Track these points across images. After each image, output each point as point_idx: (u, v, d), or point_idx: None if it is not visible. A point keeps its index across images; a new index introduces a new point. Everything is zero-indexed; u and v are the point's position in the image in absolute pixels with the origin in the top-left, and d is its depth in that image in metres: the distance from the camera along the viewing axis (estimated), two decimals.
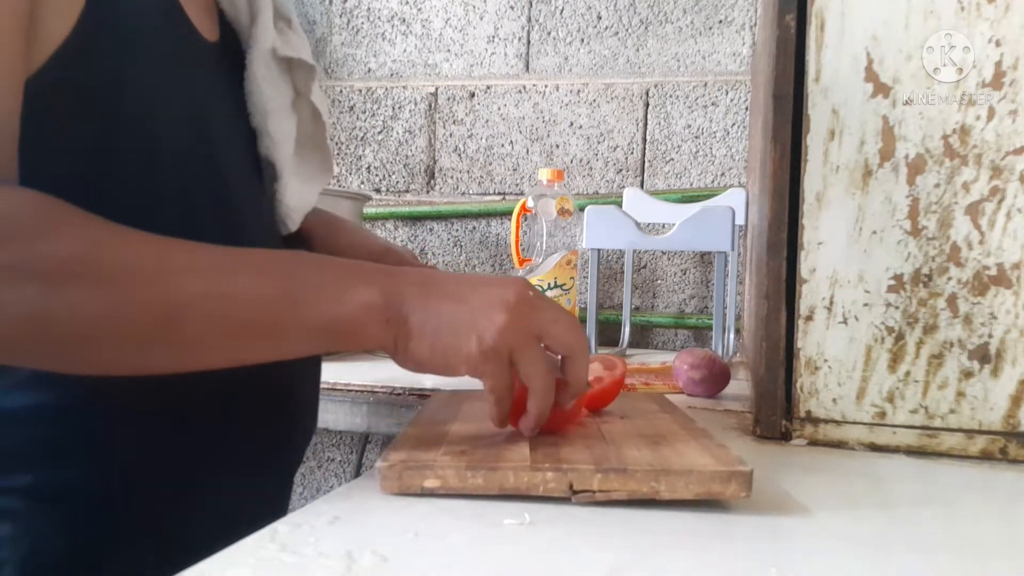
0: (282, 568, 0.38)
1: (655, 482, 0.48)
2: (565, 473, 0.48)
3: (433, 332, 0.50)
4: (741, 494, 0.48)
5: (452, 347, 0.50)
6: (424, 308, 0.50)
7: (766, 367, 0.69)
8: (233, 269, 0.48)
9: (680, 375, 0.91)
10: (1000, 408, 0.64)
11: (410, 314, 0.50)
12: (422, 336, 0.50)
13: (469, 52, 1.59)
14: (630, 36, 1.51)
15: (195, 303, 0.46)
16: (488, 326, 0.49)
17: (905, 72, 0.65)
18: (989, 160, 0.64)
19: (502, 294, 0.50)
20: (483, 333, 0.49)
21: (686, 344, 1.50)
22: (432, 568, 0.39)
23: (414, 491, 0.49)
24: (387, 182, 1.64)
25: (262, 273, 0.49)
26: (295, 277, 0.49)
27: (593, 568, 0.39)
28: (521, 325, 0.50)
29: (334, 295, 0.49)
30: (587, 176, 1.54)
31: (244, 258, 0.50)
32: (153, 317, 0.46)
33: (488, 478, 0.48)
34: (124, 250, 0.46)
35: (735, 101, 1.47)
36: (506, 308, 0.50)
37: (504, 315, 0.49)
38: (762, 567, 0.40)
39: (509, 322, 0.49)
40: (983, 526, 0.51)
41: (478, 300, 0.50)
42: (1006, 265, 0.64)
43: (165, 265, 0.47)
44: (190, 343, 0.48)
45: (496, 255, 1.58)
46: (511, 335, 0.49)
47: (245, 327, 0.48)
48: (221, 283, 0.47)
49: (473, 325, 0.49)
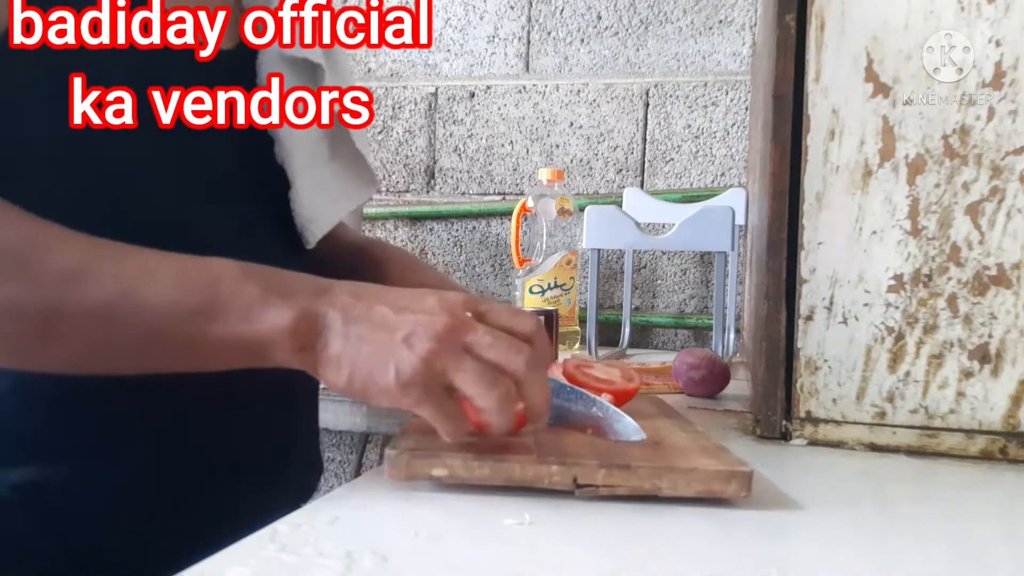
0: (282, 568, 0.38)
1: (658, 479, 0.48)
2: (570, 467, 0.48)
3: (351, 363, 0.47)
4: (741, 494, 0.48)
5: (369, 380, 0.47)
6: (343, 337, 0.47)
7: (766, 367, 0.69)
8: (153, 278, 0.47)
9: (680, 375, 0.91)
10: (1000, 408, 0.64)
11: (328, 343, 0.47)
12: (339, 367, 0.47)
13: (469, 52, 1.59)
14: (630, 36, 1.51)
15: (107, 310, 0.46)
16: (407, 357, 0.46)
17: (905, 72, 0.65)
18: (989, 160, 0.64)
19: (430, 321, 0.47)
20: (401, 364, 0.46)
21: (686, 344, 1.50)
22: (432, 568, 0.39)
23: (421, 479, 0.49)
24: (387, 182, 1.64)
25: (181, 283, 0.48)
26: (215, 290, 0.48)
27: (593, 568, 0.39)
28: (449, 350, 0.46)
29: (246, 314, 0.47)
30: (587, 176, 1.54)
31: (170, 267, 0.48)
32: (52, 316, 0.46)
33: (495, 469, 0.49)
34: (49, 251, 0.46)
35: (735, 101, 1.47)
36: (430, 336, 0.46)
37: (428, 343, 0.46)
38: (762, 567, 0.40)
39: (432, 350, 0.46)
40: (983, 526, 0.51)
41: (403, 327, 0.47)
42: (1006, 265, 0.64)
43: (82, 269, 0.46)
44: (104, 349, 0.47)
45: (496, 255, 1.58)
46: (436, 362, 0.46)
47: (152, 338, 0.47)
48: (136, 290, 0.47)
49: (391, 355, 0.46)
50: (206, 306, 0.47)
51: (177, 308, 0.47)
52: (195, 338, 0.47)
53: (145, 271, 0.48)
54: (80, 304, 0.46)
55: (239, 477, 0.62)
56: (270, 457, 0.66)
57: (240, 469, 0.62)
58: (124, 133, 0.53)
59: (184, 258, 0.49)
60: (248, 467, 0.63)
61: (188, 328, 0.47)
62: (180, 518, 0.57)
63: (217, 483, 0.60)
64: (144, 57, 0.55)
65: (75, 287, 0.46)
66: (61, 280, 0.46)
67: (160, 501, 0.57)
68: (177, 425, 0.58)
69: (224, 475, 0.61)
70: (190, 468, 0.59)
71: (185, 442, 0.58)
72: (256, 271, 0.50)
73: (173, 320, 0.47)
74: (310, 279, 0.50)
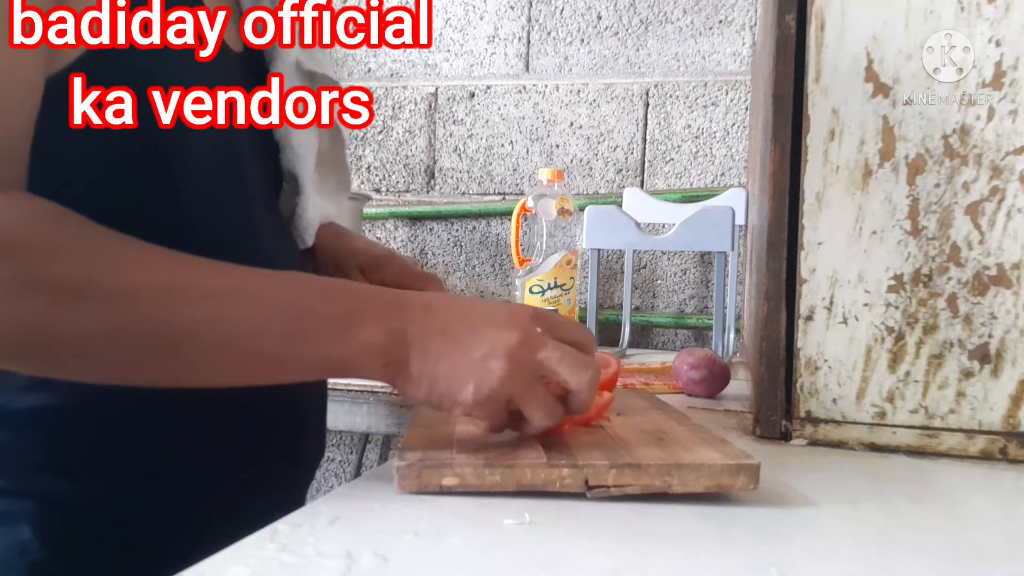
0: (282, 568, 0.38)
1: (668, 476, 0.49)
2: (581, 469, 0.49)
3: (431, 379, 0.49)
4: (750, 486, 0.49)
5: (448, 395, 0.50)
6: (424, 355, 0.49)
7: (766, 367, 0.69)
8: (239, 296, 0.48)
9: (680, 375, 0.91)
10: (1000, 408, 0.64)
11: (410, 359, 0.49)
12: (419, 383, 0.50)
13: (469, 52, 1.59)
14: (630, 36, 1.51)
15: (196, 329, 0.46)
16: (486, 377, 0.49)
17: (905, 72, 0.65)
18: (989, 160, 0.64)
19: (505, 339, 0.49)
20: (480, 384, 0.49)
21: (686, 344, 1.50)
22: (432, 568, 0.39)
23: (432, 489, 0.49)
24: (387, 182, 1.64)
25: (267, 302, 0.49)
26: (299, 309, 0.49)
27: (593, 568, 0.39)
28: (521, 372, 0.49)
29: (337, 334, 0.49)
30: (587, 176, 1.54)
31: (252, 285, 0.49)
32: (152, 340, 0.46)
33: (506, 475, 0.49)
34: (129, 271, 0.46)
35: (735, 101, 1.47)
36: (506, 355, 0.49)
37: (503, 363, 0.49)
38: (762, 567, 0.40)
39: (508, 371, 0.49)
40: (983, 526, 0.51)
41: (480, 347, 0.49)
42: (1006, 265, 0.64)
43: (170, 289, 0.47)
44: (188, 366, 0.48)
45: (496, 255, 1.58)
46: (510, 384, 0.49)
47: (245, 355, 0.48)
48: (225, 311, 0.47)
49: (471, 374, 0.49)
50: (295, 325, 0.48)
51: (265, 328, 0.48)
52: (286, 356, 0.49)
53: (233, 291, 0.48)
54: (170, 325, 0.46)
55: (247, 490, 0.61)
56: (279, 471, 0.65)
57: (249, 482, 0.61)
58: (126, 132, 0.53)
59: (269, 276, 0.50)
60: (257, 480, 0.62)
61: (279, 347, 0.48)
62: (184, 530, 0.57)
63: (225, 498, 0.60)
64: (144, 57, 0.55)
65: (163, 309, 0.46)
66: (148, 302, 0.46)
67: (163, 512, 0.57)
68: (183, 438, 0.57)
69: (232, 488, 0.60)
70: (196, 481, 0.58)
71: (191, 455, 0.58)
72: (337, 288, 0.51)
73: (263, 339, 0.48)
74: (384, 292, 0.52)
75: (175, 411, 0.56)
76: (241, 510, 0.55)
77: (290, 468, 0.68)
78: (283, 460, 0.65)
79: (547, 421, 0.51)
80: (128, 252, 0.47)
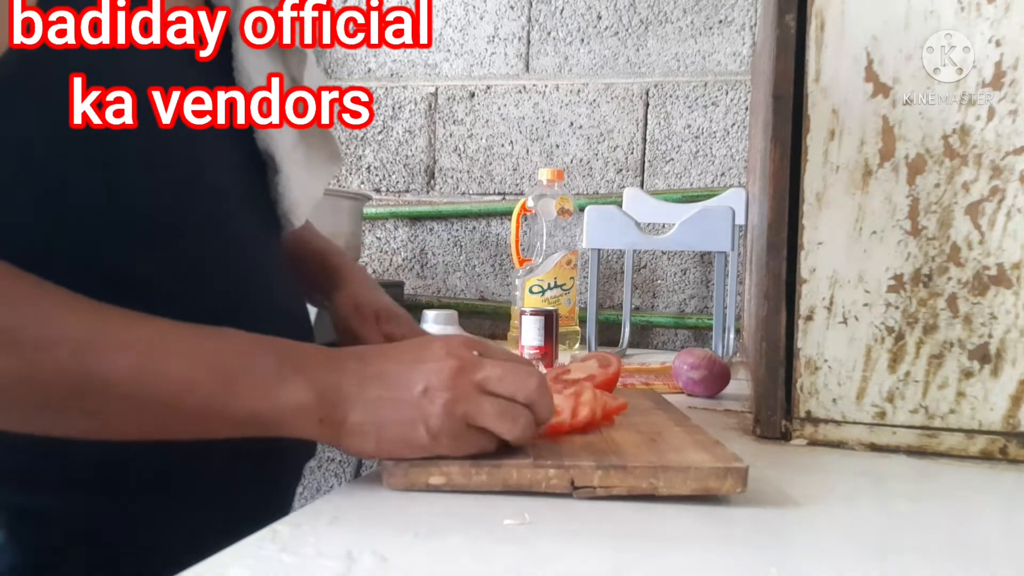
0: (282, 568, 0.38)
1: (654, 478, 0.48)
2: (567, 470, 0.49)
3: (376, 427, 0.48)
4: (737, 490, 0.49)
5: (400, 440, 0.48)
6: (363, 403, 0.48)
7: (766, 367, 0.69)
8: (165, 349, 0.47)
9: (680, 375, 0.91)
10: (1000, 408, 0.64)
11: (349, 412, 0.48)
12: (365, 434, 0.48)
13: (469, 52, 1.59)
14: (630, 36, 1.51)
15: (113, 382, 0.45)
16: (431, 410, 0.48)
17: (905, 72, 0.65)
18: (989, 160, 0.64)
19: (441, 368, 0.49)
20: (427, 419, 0.48)
21: (686, 344, 1.50)
22: (432, 568, 0.39)
23: (419, 487, 0.49)
24: (387, 182, 1.64)
25: (193, 356, 0.47)
26: (226, 363, 0.48)
27: (593, 568, 0.39)
28: (465, 393, 0.49)
29: (263, 390, 0.47)
30: (587, 176, 1.54)
31: (179, 337, 0.48)
32: (66, 391, 0.45)
33: (492, 475, 0.49)
34: (51, 319, 0.45)
35: (735, 101, 1.47)
36: (446, 383, 0.48)
37: (444, 392, 0.48)
38: (762, 566, 0.40)
39: (452, 396, 0.48)
40: (983, 526, 0.51)
41: (418, 382, 0.48)
42: (1006, 265, 0.64)
43: (91, 339, 0.46)
44: (105, 419, 0.47)
45: (496, 255, 1.58)
46: (459, 407, 0.48)
47: (168, 409, 0.47)
48: (149, 363, 0.46)
49: (416, 413, 0.48)
50: (223, 382, 0.47)
51: (190, 382, 0.47)
52: (211, 412, 0.47)
53: (155, 344, 0.47)
54: (88, 377, 0.45)
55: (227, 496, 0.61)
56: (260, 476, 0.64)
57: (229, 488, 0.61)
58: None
59: (194, 329, 0.49)
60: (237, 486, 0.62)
61: (203, 402, 0.47)
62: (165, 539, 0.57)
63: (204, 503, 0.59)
64: (144, 57, 0.55)
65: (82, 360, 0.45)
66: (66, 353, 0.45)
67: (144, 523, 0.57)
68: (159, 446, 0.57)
69: (212, 494, 0.60)
70: (174, 488, 0.58)
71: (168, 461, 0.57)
72: (269, 344, 0.50)
73: (187, 393, 0.47)
74: (318, 349, 0.51)
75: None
76: (215, 518, 0.55)
77: (273, 472, 0.67)
78: (264, 464, 0.64)
79: (515, 429, 0.50)
80: (49, 301, 0.46)
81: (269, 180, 0.67)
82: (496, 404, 0.49)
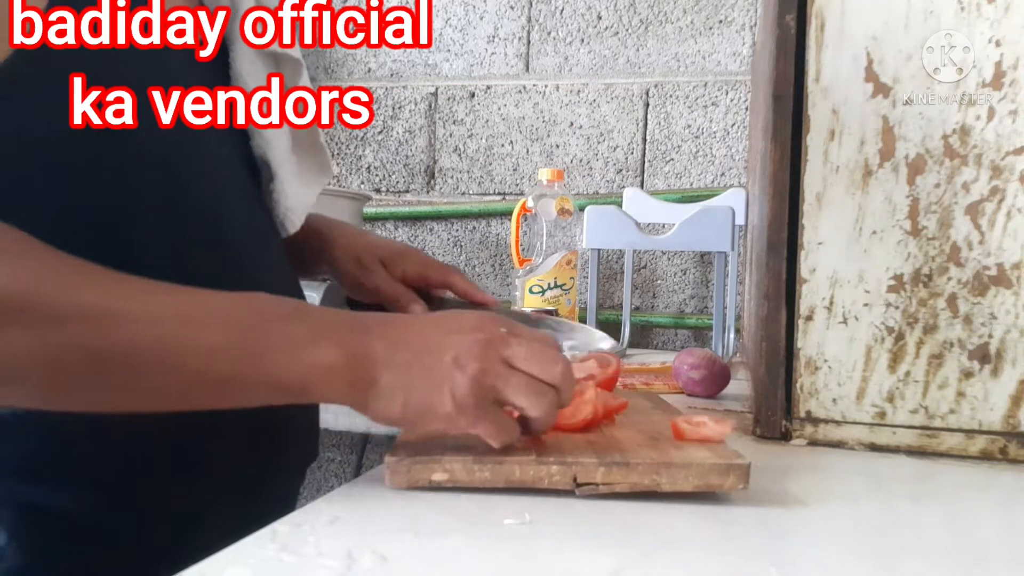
0: (282, 568, 0.38)
1: (656, 475, 0.49)
2: (570, 466, 0.49)
3: (405, 389, 0.48)
4: (739, 486, 0.49)
5: (426, 406, 0.48)
6: (394, 365, 0.48)
7: (766, 367, 0.69)
8: (190, 317, 0.47)
9: (680, 375, 0.91)
10: (1000, 408, 0.64)
11: (379, 374, 0.48)
12: (393, 395, 0.48)
13: (469, 52, 1.59)
14: (630, 36, 1.51)
15: (142, 351, 0.45)
16: (460, 379, 0.47)
17: (905, 72, 0.65)
18: (989, 160, 0.64)
19: (472, 339, 0.49)
20: (456, 387, 0.47)
21: (686, 344, 1.50)
22: (432, 568, 0.39)
23: (422, 484, 0.49)
24: (387, 182, 1.64)
25: (220, 323, 0.47)
26: (255, 329, 0.47)
27: (594, 568, 0.39)
28: (495, 367, 0.48)
29: (292, 353, 0.47)
30: (587, 176, 1.54)
31: (204, 305, 0.48)
32: (91, 363, 0.44)
33: (495, 471, 0.49)
34: (71, 291, 0.45)
35: (735, 101, 1.47)
36: (476, 353, 0.48)
37: (475, 363, 0.48)
38: (762, 566, 0.40)
39: (481, 368, 0.48)
40: (983, 526, 0.51)
41: (449, 349, 0.48)
42: (1006, 265, 0.64)
43: (114, 310, 0.45)
44: (135, 389, 0.47)
45: (496, 255, 1.58)
46: (488, 378, 0.48)
47: (196, 377, 0.47)
48: (175, 332, 0.46)
49: (445, 379, 0.48)
50: (249, 346, 0.47)
51: (218, 349, 0.46)
52: (240, 378, 0.47)
53: (181, 312, 0.47)
54: (110, 348, 0.45)
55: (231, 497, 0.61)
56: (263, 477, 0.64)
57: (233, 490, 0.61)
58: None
59: (221, 296, 0.49)
60: (241, 488, 0.62)
61: (232, 368, 0.47)
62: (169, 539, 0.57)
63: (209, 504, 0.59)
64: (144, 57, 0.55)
65: (102, 330, 0.44)
66: (87, 323, 0.44)
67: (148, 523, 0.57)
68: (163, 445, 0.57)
69: (215, 495, 0.60)
70: (178, 490, 0.58)
71: (172, 463, 0.57)
72: (300, 309, 0.50)
73: (215, 360, 0.46)
74: (349, 314, 0.51)
75: (154, 418, 0.55)
76: (221, 516, 0.55)
77: (276, 473, 0.67)
78: (267, 465, 0.64)
79: (541, 405, 0.49)
80: (70, 272, 0.46)
81: (264, 186, 0.67)
82: (524, 379, 0.49)
